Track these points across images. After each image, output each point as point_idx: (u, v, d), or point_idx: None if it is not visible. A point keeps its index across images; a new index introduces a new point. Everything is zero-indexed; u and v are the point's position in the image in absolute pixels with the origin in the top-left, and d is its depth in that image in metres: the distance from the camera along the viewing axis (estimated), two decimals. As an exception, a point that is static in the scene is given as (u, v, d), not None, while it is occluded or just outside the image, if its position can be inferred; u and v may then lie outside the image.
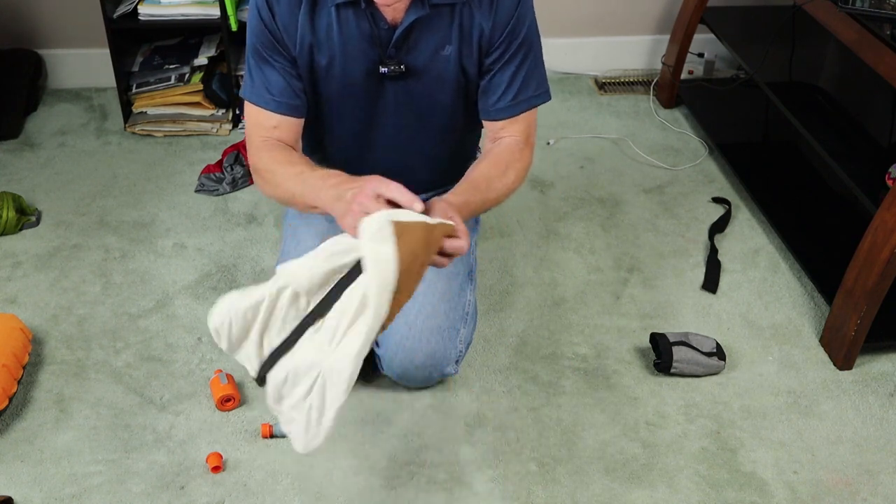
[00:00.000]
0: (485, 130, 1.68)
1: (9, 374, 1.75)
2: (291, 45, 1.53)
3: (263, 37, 1.52)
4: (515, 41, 1.55)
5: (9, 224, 2.22)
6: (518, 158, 1.61)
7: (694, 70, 3.03)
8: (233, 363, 1.89)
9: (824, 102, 2.35)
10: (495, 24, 1.53)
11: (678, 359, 1.86)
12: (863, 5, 2.03)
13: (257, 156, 1.57)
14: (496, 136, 1.64)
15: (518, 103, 1.59)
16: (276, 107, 1.55)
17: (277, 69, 1.54)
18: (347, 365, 1.19)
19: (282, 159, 1.54)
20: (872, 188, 1.94)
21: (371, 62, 1.55)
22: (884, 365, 1.96)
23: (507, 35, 1.54)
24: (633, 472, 1.69)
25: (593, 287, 2.14)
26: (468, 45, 1.55)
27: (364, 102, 1.63)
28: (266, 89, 1.55)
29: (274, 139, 1.57)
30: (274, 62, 1.54)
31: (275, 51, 1.53)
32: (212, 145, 2.64)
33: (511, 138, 1.62)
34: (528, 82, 1.59)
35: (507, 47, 1.55)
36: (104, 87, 2.88)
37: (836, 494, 1.66)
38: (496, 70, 1.58)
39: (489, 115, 1.62)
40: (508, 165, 1.59)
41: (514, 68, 1.57)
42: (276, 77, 1.54)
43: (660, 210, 2.42)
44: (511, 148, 1.61)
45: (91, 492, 1.62)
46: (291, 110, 1.57)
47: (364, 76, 1.57)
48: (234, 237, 2.26)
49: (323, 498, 1.62)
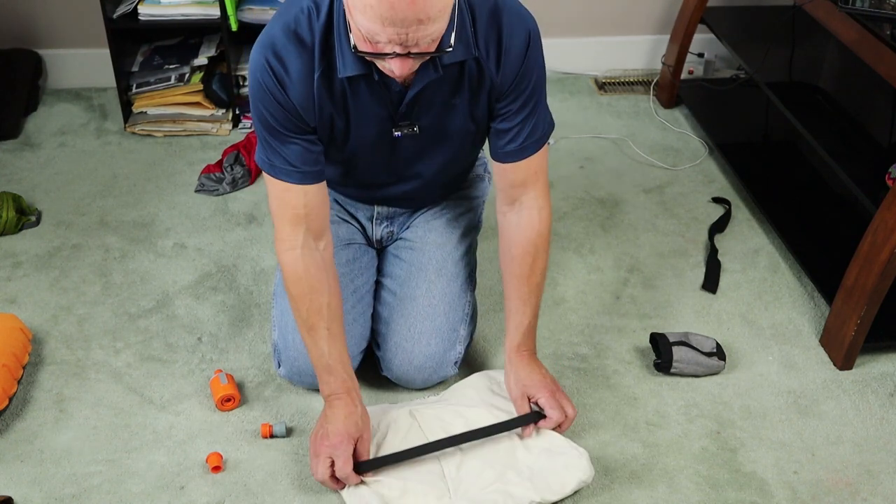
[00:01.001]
0: (498, 187, 1.67)
1: (9, 374, 1.75)
2: (310, 118, 1.49)
3: (280, 116, 1.47)
4: (526, 90, 1.54)
5: (9, 224, 2.22)
6: (539, 231, 1.64)
7: (694, 70, 3.03)
8: (233, 363, 1.89)
9: (824, 102, 2.35)
10: (504, 75, 1.51)
11: (678, 359, 1.86)
12: (863, 5, 2.03)
13: (290, 260, 1.55)
14: (511, 195, 1.64)
15: (526, 147, 1.59)
16: (299, 178, 1.51)
17: (296, 142, 1.50)
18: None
19: (307, 295, 1.56)
20: (872, 188, 1.94)
21: (384, 122, 1.54)
22: (884, 365, 1.96)
23: (517, 84, 1.52)
24: (633, 472, 1.69)
25: (593, 287, 2.14)
26: (476, 95, 1.53)
27: (374, 158, 1.63)
28: (288, 163, 1.51)
29: (304, 231, 1.54)
30: (293, 137, 1.50)
31: (294, 127, 1.49)
32: (212, 145, 2.63)
33: (530, 208, 1.64)
34: (537, 125, 1.59)
35: (517, 95, 1.54)
36: (104, 87, 2.88)
37: (836, 494, 1.66)
38: (506, 116, 1.57)
39: (499, 157, 1.61)
40: (537, 245, 1.65)
41: (524, 115, 1.56)
42: (296, 150, 1.50)
43: (660, 210, 2.42)
44: (531, 221, 1.64)
45: (91, 492, 1.61)
46: (316, 178, 1.53)
47: (376, 135, 1.56)
48: (234, 237, 2.26)
49: (323, 498, 1.61)
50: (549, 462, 1.58)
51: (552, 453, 1.60)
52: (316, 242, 1.57)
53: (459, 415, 1.67)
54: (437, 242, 1.80)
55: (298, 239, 1.55)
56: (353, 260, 1.78)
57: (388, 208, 1.83)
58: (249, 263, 2.17)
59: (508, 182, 1.63)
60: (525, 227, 1.64)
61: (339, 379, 1.56)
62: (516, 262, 1.66)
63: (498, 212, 1.69)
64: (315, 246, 1.57)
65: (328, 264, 1.59)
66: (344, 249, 1.78)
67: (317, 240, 1.57)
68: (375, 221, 1.84)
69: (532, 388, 1.64)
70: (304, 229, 1.54)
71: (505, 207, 1.67)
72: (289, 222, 1.54)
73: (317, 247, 1.57)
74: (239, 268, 2.16)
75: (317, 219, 1.56)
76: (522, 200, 1.64)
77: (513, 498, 1.53)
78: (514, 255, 1.66)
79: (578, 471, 1.57)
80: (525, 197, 1.63)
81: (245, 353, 1.91)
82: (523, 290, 1.67)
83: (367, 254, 1.83)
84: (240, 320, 2.00)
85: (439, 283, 1.75)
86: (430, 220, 1.83)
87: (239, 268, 2.16)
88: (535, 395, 1.64)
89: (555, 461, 1.58)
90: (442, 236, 1.81)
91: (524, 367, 1.67)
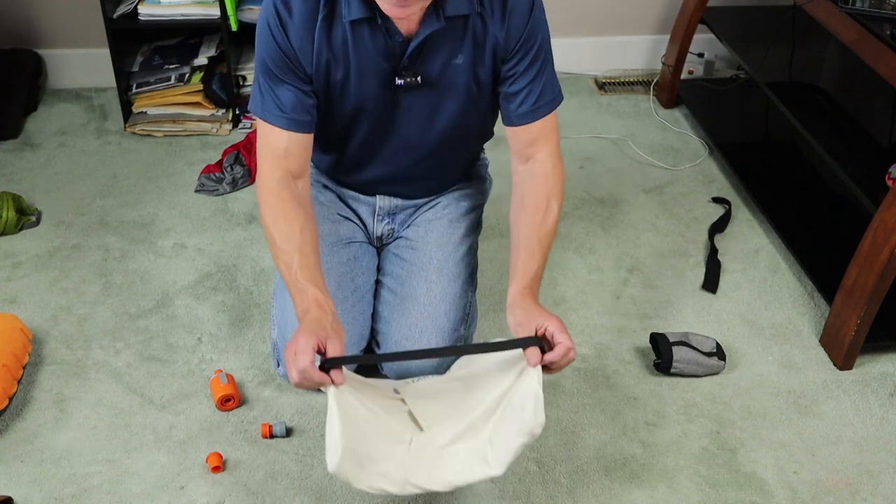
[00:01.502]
0: (512, 149, 1.67)
1: (9, 374, 1.75)
2: (307, 63, 1.52)
3: (277, 57, 1.51)
4: (532, 49, 1.56)
5: (9, 224, 2.22)
6: (553, 183, 1.63)
7: (694, 70, 3.03)
8: (233, 363, 1.89)
9: (824, 102, 2.35)
10: (509, 34, 1.54)
11: (678, 359, 1.86)
12: (863, 5, 2.03)
13: (266, 190, 1.56)
14: (525, 154, 1.64)
15: (539, 108, 1.61)
16: (287, 124, 1.54)
17: (290, 88, 1.53)
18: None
19: (283, 224, 1.53)
20: (872, 188, 1.94)
21: (385, 74, 1.56)
22: (884, 365, 1.96)
23: (524, 43, 1.55)
24: (632, 472, 1.69)
25: (593, 287, 2.14)
26: (481, 54, 1.56)
27: (377, 114, 1.63)
28: (278, 107, 1.54)
29: (283, 171, 1.56)
30: (287, 81, 1.53)
31: (289, 71, 1.52)
32: (212, 145, 2.63)
33: (543, 163, 1.63)
34: (546, 87, 1.61)
35: (524, 55, 1.56)
36: (104, 87, 2.88)
37: (836, 494, 1.66)
38: (516, 77, 1.59)
39: (511, 120, 1.63)
40: (550, 197, 1.62)
41: (533, 75, 1.59)
42: (287, 95, 1.54)
43: (660, 210, 2.42)
44: (545, 173, 1.63)
45: (91, 492, 1.61)
46: (302, 126, 1.56)
47: (378, 88, 1.58)
48: (234, 237, 2.26)
49: (323, 498, 1.61)
50: (505, 428, 1.45)
51: (511, 419, 1.45)
52: (294, 181, 1.59)
53: (455, 379, 1.60)
54: (438, 242, 1.80)
55: (276, 177, 1.56)
56: (354, 259, 1.78)
57: (390, 201, 1.83)
58: (249, 263, 2.17)
59: (522, 142, 1.64)
60: (539, 179, 1.63)
61: (310, 296, 1.49)
62: (528, 212, 1.62)
63: (513, 172, 1.69)
64: (292, 183, 1.58)
65: (304, 198, 1.59)
66: (344, 248, 1.78)
67: (295, 179, 1.59)
68: (377, 217, 1.84)
69: (541, 319, 1.48)
70: (284, 169, 1.57)
71: (519, 167, 1.67)
72: (269, 163, 1.57)
73: (294, 184, 1.59)
74: (239, 268, 2.16)
75: (297, 162, 1.58)
76: (536, 158, 1.64)
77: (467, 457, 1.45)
78: (527, 204, 1.62)
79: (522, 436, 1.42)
80: (539, 154, 1.64)
81: (245, 353, 1.91)
82: (533, 239, 1.59)
83: (368, 253, 1.83)
84: (240, 320, 2.00)
85: (440, 283, 1.75)
86: (432, 220, 1.83)
87: (239, 268, 2.16)
88: (543, 325, 1.48)
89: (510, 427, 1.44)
90: (443, 236, 1.81)
91: (531, 304, 1.54)
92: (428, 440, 1.49)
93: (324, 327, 1.43)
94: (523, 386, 1.41)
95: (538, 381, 1.40)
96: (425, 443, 1.49)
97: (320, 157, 1.80)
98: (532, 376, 1.41)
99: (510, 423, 1.42)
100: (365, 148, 1.72)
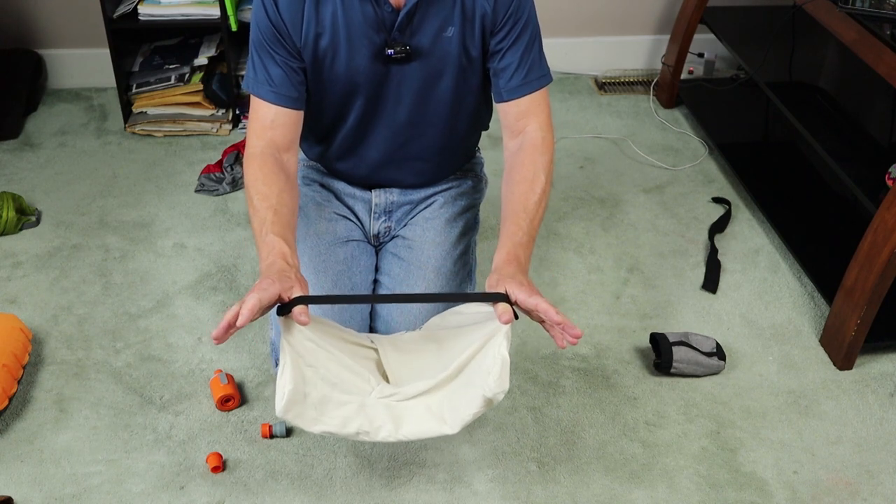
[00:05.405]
0: (504, 126, 1.68)
1: (9, 374, 1.75)
2: (296, 36, 1.55)
3: (267, 30, 1.55)
4: (520, 22, 1.58)
5: (9, 224, 2.22)
6: (542, 152, 1.63)
7: (694, 70, 3.03)
8: (233, 363, 1.89)
9: (824, 102, 2.35)
10: (497, 6, 1.56)
11: (678, 359, 1.86)
12: (863, 5, 2.03)
13: (249, 158, 1.59)
14: (516, 128, 1.66)
15: (529, 82, 1.62)
16: (274, 98, 1.57)
17: (279, 62, 1.56)
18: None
19: (262, 185, 1.53)
20: (872, 188, 1.94)
21: (376, 46, 1.57)
22: (884, 365, 1.96)
23: (511, 15, 1.57)
24: (632, 471, 1.69)
25: (593, 287, 2.14)
26: (470, 26, 1.58)
27: (367, 89, 1.64)
28: (267, 82, 1.57)
29: (268, 140, 1.58)
30: (276, 55, 1.56)
31: (278, 43, 1.55)
32: (212, 145, 2.64)
33: (533, 134, 1.64)
34: (535, 62, 1.63)
35: (512, 27, 1.58)
36: (104, 87, 2.88)
37: (836, 494, 1.66)
38: (505, 50, 1.60)
39: (502, 95, 1.64)
40: (536, 166, 1.61)
41: (522, 48, 1.60)
42: (277, 69, 1.57)
43: (660, 210, 2.42)
44: (534, 144, 1.63)
45: (91, 492, 1.62)
46: (290, 102, 1.58)
47: (369, 61, 1.59)
48: (234, 237, 2.26)
49: (323, 498, 1.62)
50: (466, 392, 1.44)
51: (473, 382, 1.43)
52: (280, 153, 1.60)
53: (430, 339, 1.57)
54: (435, 241, 1.80)
55: (260, 145, 1.58)
56: (352, 258, 1.78)
57: (386, 196, 1.82)
58: (249, 263, 2.17)
59: (513, 116, 1.65)
60: (528, 150, 1.64)
61: (276, 250, 1.47)
62: (515, 182, 1.61)
63: (504, 149, 1.70)
64: (277, 153, 1.59)
65: (288, 168, 1.60)
66: (342, 247, 1.78)
67: (282, 151, 1.60)
68: (373, 214, 1.84)
69: (511, 285, 1.43)
70: (269, 139, 1.58)
71: (511, 142, 1.68)
72: (256, 133, 1.59)
73: (279, 154, 1.60)
74: (239, 268, 2.16)
75: (282, 133, 1.60)
76: (526, 130, 1.65)
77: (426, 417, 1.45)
78: (514, 175, 1.62)
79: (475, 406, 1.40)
80: (529, 127, 1.65)
81: (245, 353, 1.91)
82: (518, 207, 1.57)
83: (366, 252, 1.83)
84: (240, 320, 2.00)
85: (438, 282, 1.74)
86: (429, 219, 1.83)
87: (239, 268, 2.16)
88: (512, 292, 1.43)
89: (470, 392, 1.43)
90: (440, 235, 1.81)
91: (513, 271, 1.50)
92: (390, 392, 1.48)
93: (289, 277, 1.41)
94: (493, 350, 1.40)
95: (507, 345, 1.39)
96: (387, 394, 1.47)
97: (316, 147, 1.80)
98: (501, 341, 1.39)
99: (475, 385, 1.40)
100: (359, 128, 1.72)
